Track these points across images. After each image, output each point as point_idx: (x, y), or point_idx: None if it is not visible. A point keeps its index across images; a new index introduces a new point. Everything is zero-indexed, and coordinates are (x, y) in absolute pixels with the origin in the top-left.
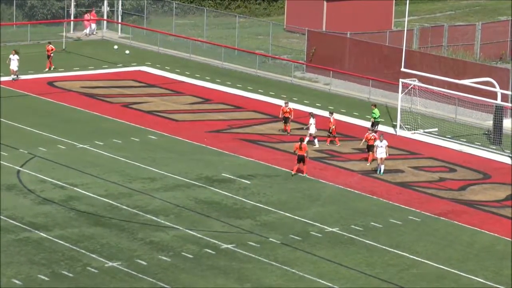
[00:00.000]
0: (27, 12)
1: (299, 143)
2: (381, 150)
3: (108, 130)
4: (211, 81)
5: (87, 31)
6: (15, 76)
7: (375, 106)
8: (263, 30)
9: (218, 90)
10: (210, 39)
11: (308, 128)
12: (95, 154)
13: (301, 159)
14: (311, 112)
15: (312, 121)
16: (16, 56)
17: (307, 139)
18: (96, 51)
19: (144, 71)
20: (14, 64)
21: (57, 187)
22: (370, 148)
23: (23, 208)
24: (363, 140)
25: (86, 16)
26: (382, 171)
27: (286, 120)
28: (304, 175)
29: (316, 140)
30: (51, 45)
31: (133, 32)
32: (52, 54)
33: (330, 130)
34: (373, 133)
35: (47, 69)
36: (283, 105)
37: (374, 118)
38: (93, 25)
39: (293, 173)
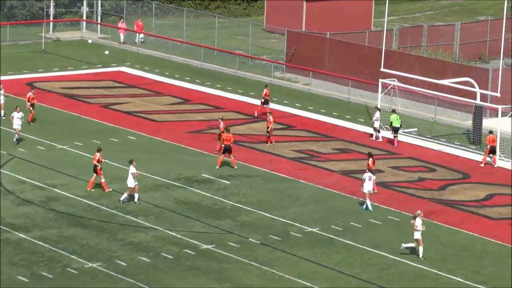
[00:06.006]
0: (6, 13)
1: (371, 158)
2: (369, 183)
3: (87, 130)
4: (190, 82)
5: (121, 39)
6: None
7: (394, 111)
8: (243, 30)
9: (198, 91)
10: (190, 40)
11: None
12: (74, 154)
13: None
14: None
15: (377, 115)
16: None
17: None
18: (75, 51)
19: (123, 71)
20: (16, 123)
21: (36, 188)
22: (493, 150)
23: (3, 209)
24: (487, 145)
25: (120, 24)
26: (370, 206)
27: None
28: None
29: (378, 134)
30: (267, 89)
31: (112, 33)
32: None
33: (269, 130)
34: (491, 134)
35: (256, 115)
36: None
37: (392, 124)
38: (141, 35)
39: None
